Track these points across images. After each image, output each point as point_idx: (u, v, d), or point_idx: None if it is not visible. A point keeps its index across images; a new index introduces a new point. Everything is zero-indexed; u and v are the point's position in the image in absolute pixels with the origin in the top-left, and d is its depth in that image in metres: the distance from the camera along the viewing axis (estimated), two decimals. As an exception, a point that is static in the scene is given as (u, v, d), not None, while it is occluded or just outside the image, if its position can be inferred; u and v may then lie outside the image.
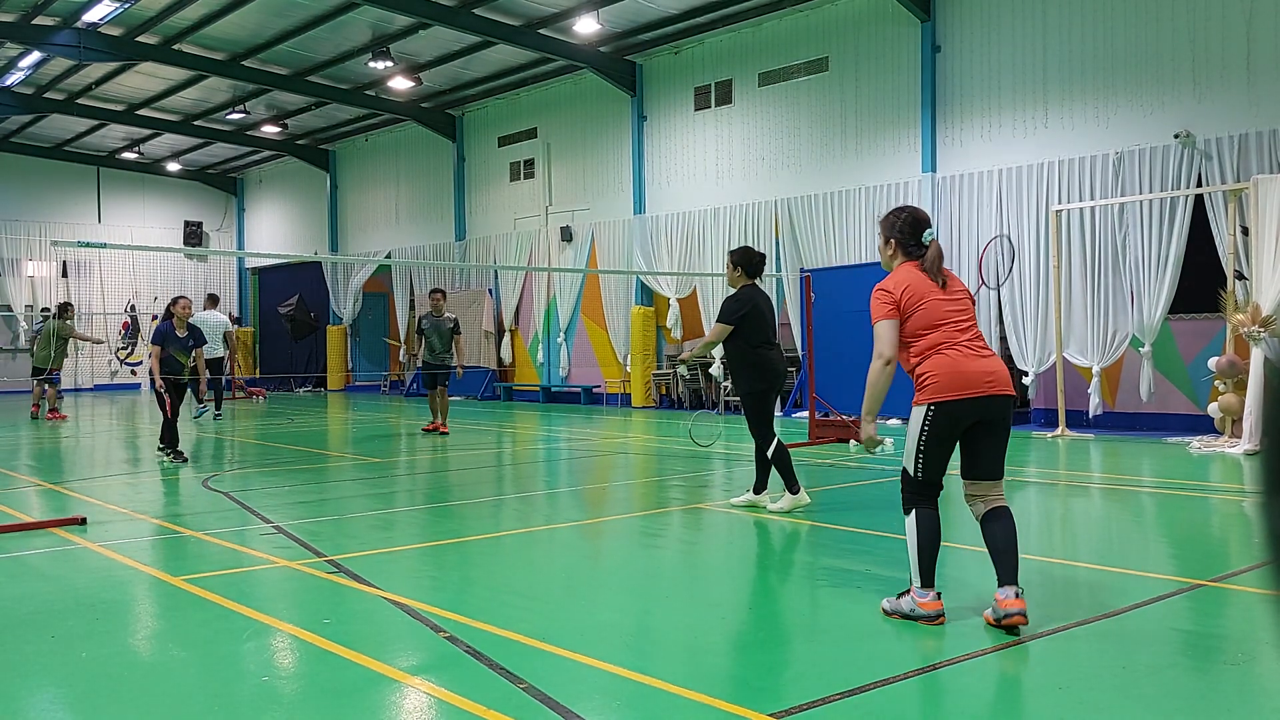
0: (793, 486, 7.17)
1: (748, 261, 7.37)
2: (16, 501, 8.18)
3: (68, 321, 17.27)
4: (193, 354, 10.92)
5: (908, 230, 4.53)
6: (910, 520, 4.38)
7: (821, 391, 13.00)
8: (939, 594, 4.34)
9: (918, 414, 4.32)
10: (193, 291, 29.66)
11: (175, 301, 11.07)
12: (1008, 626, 4.12)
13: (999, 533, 4.28)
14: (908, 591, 4.41)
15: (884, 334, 4.36)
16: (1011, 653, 3.97)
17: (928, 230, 4.54)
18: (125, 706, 3.49)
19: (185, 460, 10.61)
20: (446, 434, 13.94)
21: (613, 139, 19.92)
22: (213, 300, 18.65)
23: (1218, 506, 7.75)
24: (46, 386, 17.17)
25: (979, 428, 4.30)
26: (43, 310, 26.08)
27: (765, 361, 7.20)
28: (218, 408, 16.64)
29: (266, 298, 30.82)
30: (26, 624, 4.49)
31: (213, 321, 16.74)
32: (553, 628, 4.32)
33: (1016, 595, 4.12)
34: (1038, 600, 4.63)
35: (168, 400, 10.52)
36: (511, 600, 4.88)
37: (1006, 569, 4.19)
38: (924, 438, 4.30)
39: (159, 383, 10.51)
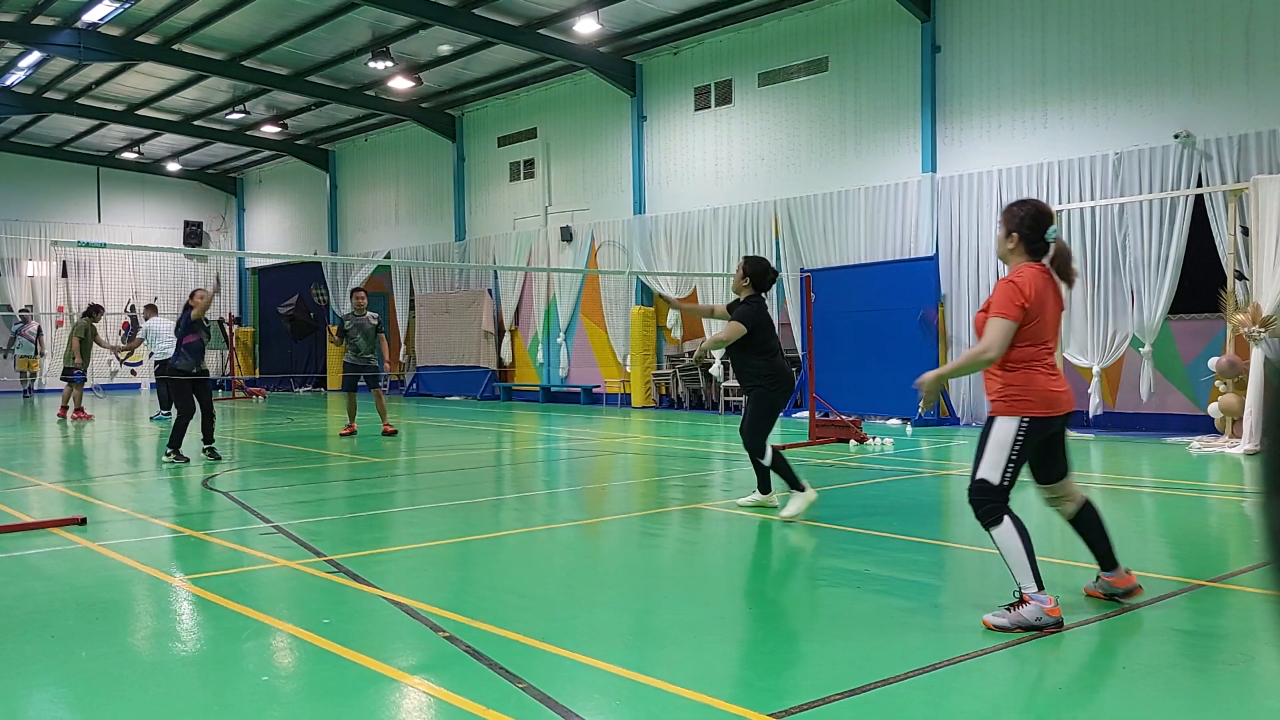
0: (798, 485, 6.98)
1: (760, 275, 7.17)
2: (16, 501, 8.18)
3: (94, 324, 17.40)
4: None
5: (1029, 224, 4.43)
6: (1004, 529, 4.27)
7: (821, 391, 13.00)
8: (1055, 598, 4.26)
9: (1009, 425, 4.29)
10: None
11: (194, 294, 11.09)
12: (1125, 598, 4.60)
13: (1098, 523, 4.62)
14: (1018, 604, 4.21)
15: (1003, 332, 4.28)
16: (1011, 653, 3.97)
17: (1051, 227, 4.45)
18: (125, 706, 3.49)
19: (187, 461, 10.58)
20: (394, 433, 13.75)
21: (613, 139, 19.92)
22: (152, 310, 18.44)
23: (1217, 506, 7.75)
24: (73, 387, 17.22)
25: (1051, 438, 4.48)
26: (21, 311, 26.05)
27: (785, 372, 7.12)
28: (164, 407, 16.68)
29: (266, 298, 30.82)
30: (26, 624, 4.49)
31: (160, 328, 16.60)
32: (553, 627, 4.32)
33: (1128, 571, 4.61)
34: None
35: (189, 396, 10.66)
36: (511, 600, 4.88)
37: (1110, 554, 4.60)
38: (1017, 448, 4.29)
39: (197, 347, 10.68)
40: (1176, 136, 12.40)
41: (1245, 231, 11.22)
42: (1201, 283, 12.13)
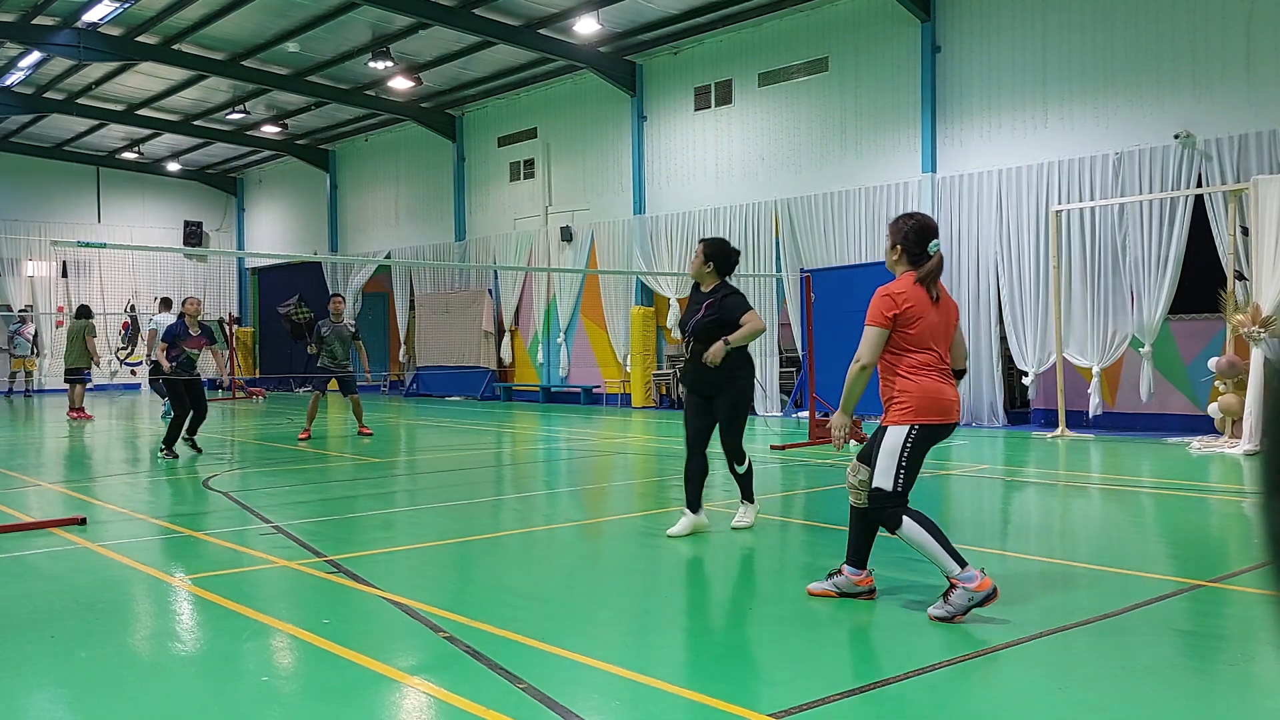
0: (751, 495, 6.62)
1: (723, 258, 6.52)
2: (16, 501, 8.18)
3: (90, 323, 17.52)
4: (201, 351, 11.37)
5: (913, 238, 4.58)
6: (907, 527, 4.40)
7: (821, 391, 13.00)
8: (981, 570, 4.35)
9: (899, 433, 4.43)
10: (192, 291, 29.78)
11: (186, 301, 11.50)
12: (866, 597, 4.69)
13: (875, 526, 4.68)
14: (950, 590, 4.32)
15: (872, 340, 4.46)
16: (1011, 653, 3.97)
17: (934, 241, 4.59)
18: (125, 706, 3.49)
19: (176, 457, 10.91)
20: (370, 435, 13.78)
21: (613, 139, 19.92)
22: (166, 303, 18.49)
23: (1217, 507, 7.75)
24: (79, 386, 17.31)
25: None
26: (21, 311, 26.06)
27: (752, 360, 6.69)
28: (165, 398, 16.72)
29: (266, 298, 30.82)
30: (26, 624, 4.49)
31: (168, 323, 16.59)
32: (552, 628, 4.32)
33: (871, 573, 4.73)
34: (1038, 601, 4.63)
35: (183, 396, 11.12)
36: (511, 600, 4.88)
37: (867, 553, 4.72)
38: (906, 455, 4.42)
39: (166, 366, 10.94)
40: (1176, 136, 12.40)
41: (1245, 231, 11.22)
42: (1201, 283, 12.13)
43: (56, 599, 4.97)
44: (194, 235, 30.28)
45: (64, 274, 28.05)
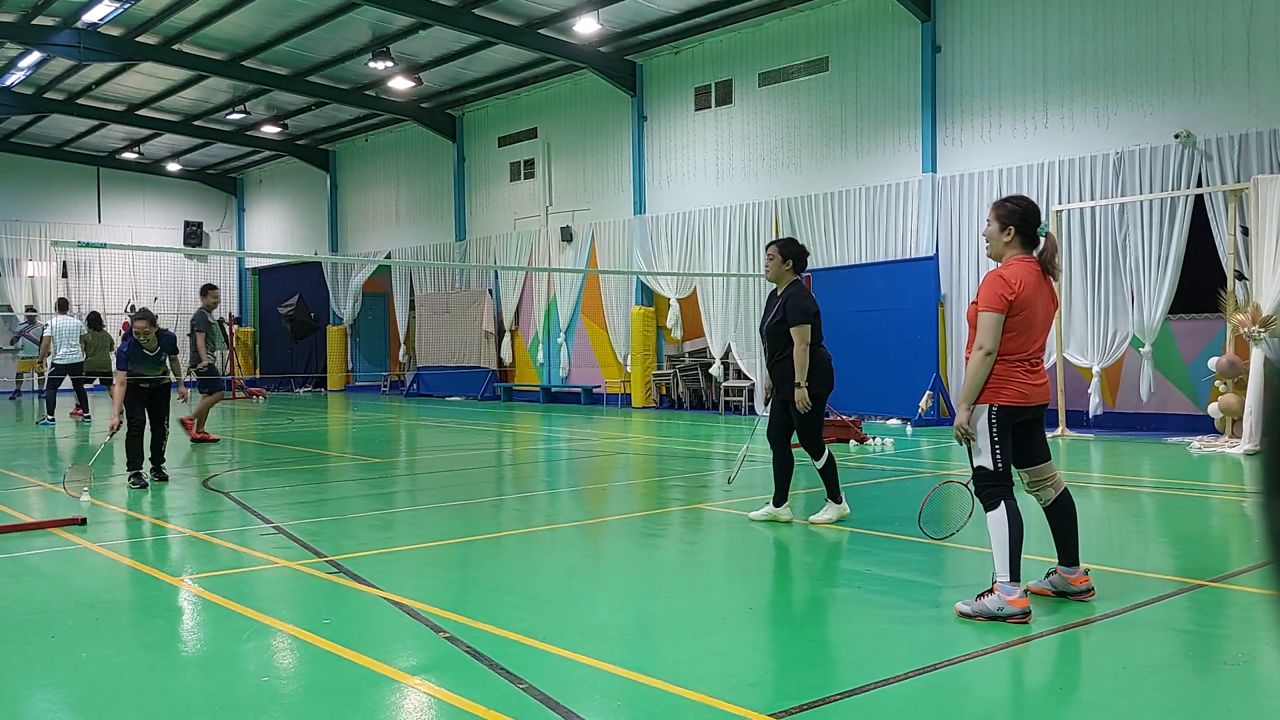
0: (838, 496, 6.76)
1: (797, 254, 6.80)
2: (16, 501, 8.18)
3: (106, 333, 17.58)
4: (165, 362, 9.19)
5: (1022, 218, 4.55)
6: (999, 514, 4.37)
7: (821, 391, 13.00)
8: (1026, 591, 4.36)
9: (980, 412, 4.43)
10: (191, 292, 29.80)
11: (140, 316, 9.16)
12: (1080, 598, 4.64)
13: (1072, 516, 4.67)
14: (989, 591, 4.35)
15: (991, 327, 4.38)
16: (1011, 653, 3.97)
17: (1043, 222, 4.59)
18: (125, 706, 3.49)
19: (145, 486, 8.83)
20: None
21: (613, 139, 19.92)
22: (63, 305, 18.27)
23: (1218, 506, 7.75)
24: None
25: (1026, 423, 4.58)
26: (28, 311, 25.99)
27: (823, 363, 6.67)
28: (50, 412, 16.46)
29: (266, 298, 30.83)
30: (26, 624, 4.49)
31: (67, 327, 16.42)
32: (553, 628, 4.32)
33: (1086, 572, 4.68)
34: (1038, 600, 4.63)
35: (131, 416, 8.91)
36: (511, 600, 4.88)
37: (1075, 550, 4.67)
38: (994, 430, 4.42)
39: (115, 416, 8.64)
40: (1177, 136, 12.40)
41: (1245, 231, 11.22)
42: (1201, 283, 12.14)
43: (57, 599, 4.97)
44: (194, 235, 30.28)
45: (64, 274, 28.04)
